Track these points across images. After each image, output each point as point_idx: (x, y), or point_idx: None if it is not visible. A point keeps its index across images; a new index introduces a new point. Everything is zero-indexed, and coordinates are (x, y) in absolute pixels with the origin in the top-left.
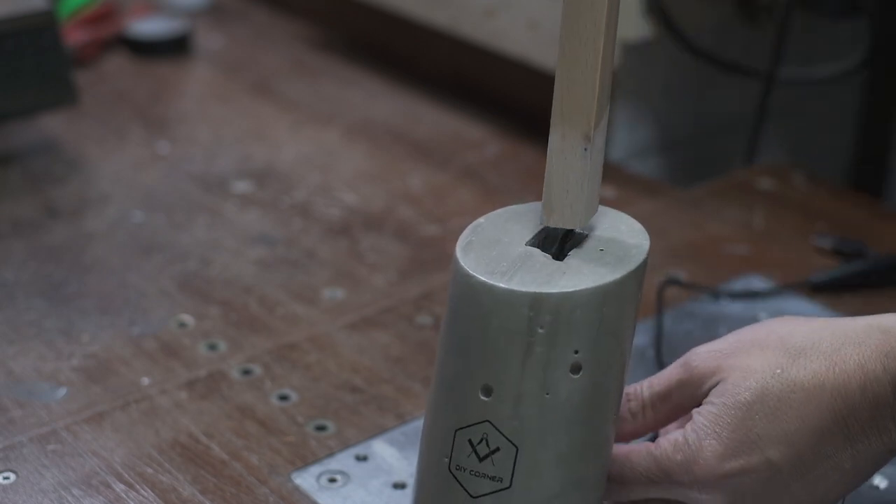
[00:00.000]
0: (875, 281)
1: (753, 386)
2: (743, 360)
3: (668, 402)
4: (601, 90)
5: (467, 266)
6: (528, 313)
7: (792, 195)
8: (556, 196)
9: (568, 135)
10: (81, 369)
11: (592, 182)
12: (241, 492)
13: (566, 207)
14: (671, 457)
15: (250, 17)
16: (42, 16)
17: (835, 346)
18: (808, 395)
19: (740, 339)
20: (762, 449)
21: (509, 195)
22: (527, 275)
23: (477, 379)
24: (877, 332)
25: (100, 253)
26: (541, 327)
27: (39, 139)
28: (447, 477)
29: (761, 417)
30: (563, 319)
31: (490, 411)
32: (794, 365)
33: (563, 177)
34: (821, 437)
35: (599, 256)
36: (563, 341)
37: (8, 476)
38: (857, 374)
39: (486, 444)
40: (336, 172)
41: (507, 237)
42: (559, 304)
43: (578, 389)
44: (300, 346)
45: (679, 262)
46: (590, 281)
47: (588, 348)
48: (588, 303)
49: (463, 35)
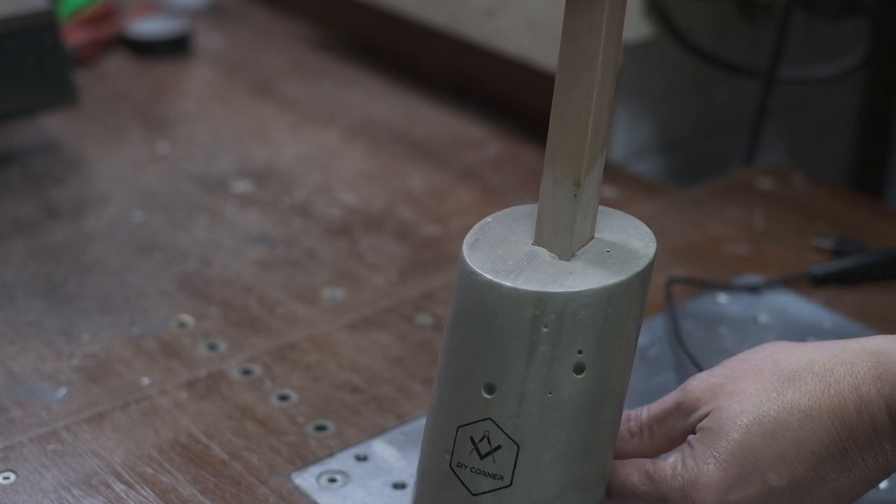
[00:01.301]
0: (876, 274)
1: (750, 409)
2: (738, 386)
3: (665, 426)
4: (594, 138)
5: (473, 264)
6: (533, 312)
7: (792, 195)
8: (546, 233)
9: (559, 180)
10: (81, 369)
11: (583, 221)
12: (241, 492)
13: (555, 243)
14: (669, 482)
15: (250, 17)
16: (42, 16)
17: (827, 368)
18: (805, 417)
19: (735, 365)
20: (761, 473)
21: (509, 195)
22: (532, 274)
23: (480, 376)
24: (867, 356)
25: (100, 253)
26: (545, 326)
27: (39, 139)
28: (448, 474)
29: (759, 441)
30: (567, 319)
31: (492, 409)
32: (788, 388)
33: (552, 217)
34: (819, 459)
35: (606, 258)
36: (567, 341)
37: (8, 476)
38: (852, 396)
39: (487, 441)
40: (336, 172)
41: (514, 236)
42: (564, 303)
43: (581, 389)
44: (300, 346)
45: (679, 262)
46: (595, 281)
47: (592, 348)
48: (593, 303)
49: (463, 35)
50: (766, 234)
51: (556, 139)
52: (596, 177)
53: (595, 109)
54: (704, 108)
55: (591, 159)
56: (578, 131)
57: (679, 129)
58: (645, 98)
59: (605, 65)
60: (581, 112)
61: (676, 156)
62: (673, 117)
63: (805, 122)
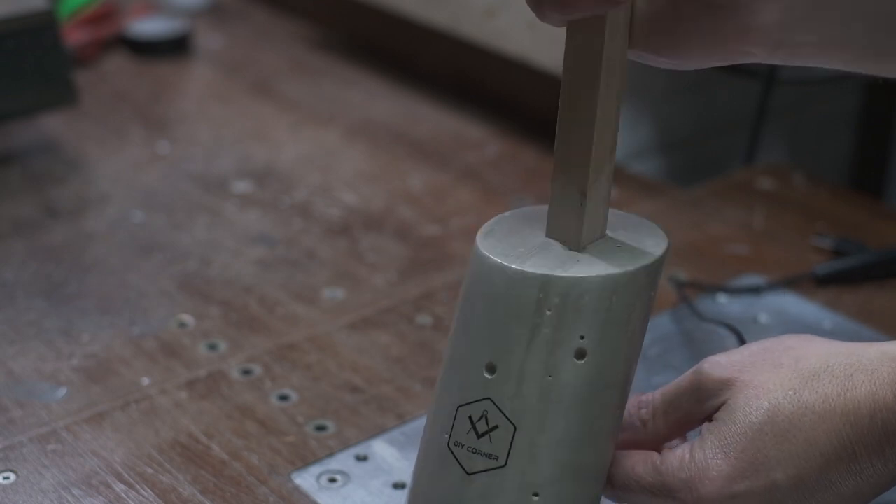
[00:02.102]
0: (878, 274)
1: (766, 406)
2: (756, 377)
3: (679, 410)
4: (599, 147)
5: (484, 249)
6: (538, 294)
7: (792, 195)
8: (555, 232)
9: (567, 187)
10: (81, 369)
11: (593, 224)
12: (241, 492)
13: (563, 242)
14: (676, 474)
15: (250, 17)
16: (42, 16)
17: (847, 372)
18: (818, 419)
19: (755, 353)
20: (768, 470)
21: (509, 195)
22: (540, 259)
23: (482, 356)
24: (888, 361)
25: (100, 253)
26: (549, 309)
27: (39, 139)
28: (445, 453)
29: (771, 439)
30: (570, 303)
31: (492, 389)
32: (806, 387)
33: (559, 221)
34: (827, 462)
35: (615, 251)
36: (570, 325)
37: (8, 476)
38: (868, 401)
39: (485, 421)
40: (336, 172)
41: (528, 229)
42: (568, 287)
43: (581, 375)
44: (300, 346)
45: (679, 262)
46: (600, 269)
47: (594, 336)
48: (597, 290)
49: (463, 35)
50: (766, 234)
51: (562, 149)
52: (604, 184)
53: (599, 123)
54: (704, 108)
55: (597, 168)
56: (583, 143)
57: (679, 129)
58: (645, 98)
59: (608, 81)
60: (587, 124)
61: (676, 156)
62: (673, 117)
63: (805, 122)
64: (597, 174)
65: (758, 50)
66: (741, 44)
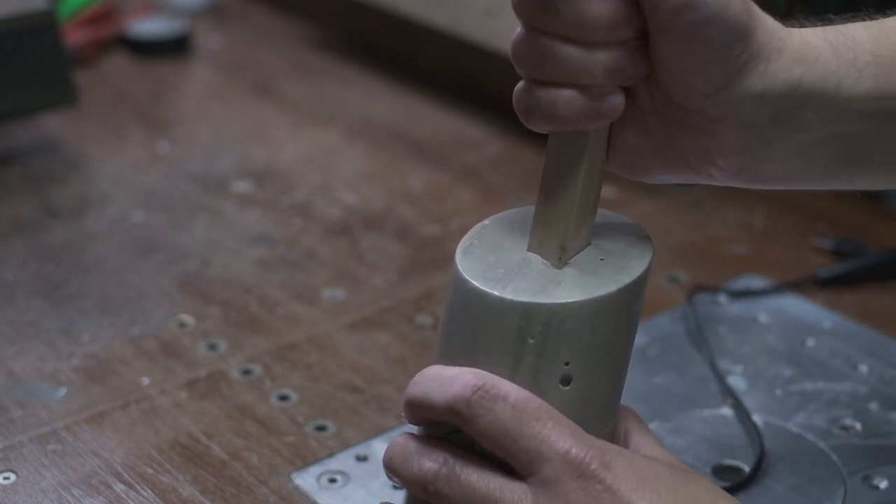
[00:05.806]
0: (880, 275)
1: None
2: None
3: None
4: (582, 208)
5: (464, 270)
6: (519, 322)
7: (792, 195)
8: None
9: (545, 241)
10: (81, 369)
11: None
12: (241, 492)
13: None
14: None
15: (250, 17)
16: (42, 16)
17: None
18: None
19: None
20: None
21: (509, 195)
22: (521, 283)
23: None
24: None
25: (100, 253)
26: (531, 337)
27: (39, 139)
28: None
29: None
30: (553, 330)
31: None
32: None
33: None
34: None
35: (598, 266)
36: (553, 352)
37: (8, 476)
38: None
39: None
40: (336, 172)
41: (509, 241)
42: (550, 314)
43: (567, 401)
44: (300, 346)
45: (679, 263)
46: (583, 293)
47: (579, 360)
48: (579, 315)
49: (463, 35)
50: (766, 235)
51: (542, 204)
52: (584, 235)
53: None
54: None
55: (577, 226)
56: (566, 201)
57: None
58: None
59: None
60: (569, 187)
61: None
62: None
63: None
64: (580, 228)
65: (719, 174)
66: (705, 165)
